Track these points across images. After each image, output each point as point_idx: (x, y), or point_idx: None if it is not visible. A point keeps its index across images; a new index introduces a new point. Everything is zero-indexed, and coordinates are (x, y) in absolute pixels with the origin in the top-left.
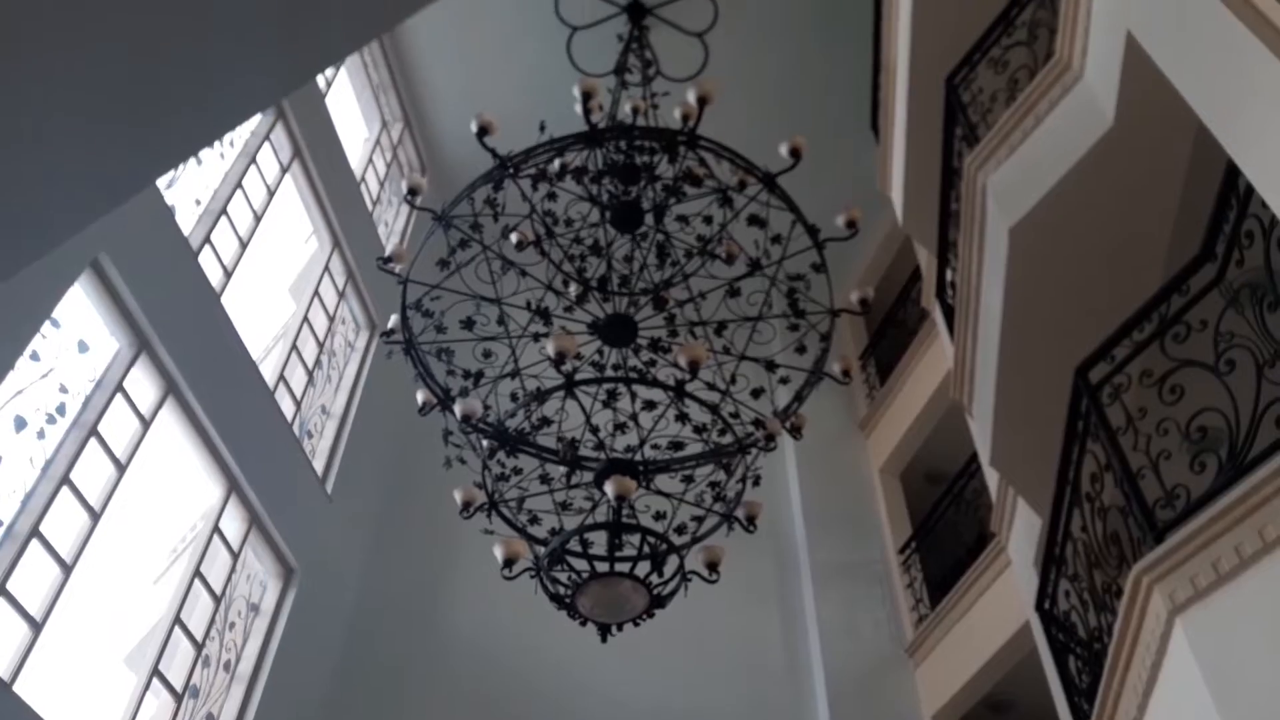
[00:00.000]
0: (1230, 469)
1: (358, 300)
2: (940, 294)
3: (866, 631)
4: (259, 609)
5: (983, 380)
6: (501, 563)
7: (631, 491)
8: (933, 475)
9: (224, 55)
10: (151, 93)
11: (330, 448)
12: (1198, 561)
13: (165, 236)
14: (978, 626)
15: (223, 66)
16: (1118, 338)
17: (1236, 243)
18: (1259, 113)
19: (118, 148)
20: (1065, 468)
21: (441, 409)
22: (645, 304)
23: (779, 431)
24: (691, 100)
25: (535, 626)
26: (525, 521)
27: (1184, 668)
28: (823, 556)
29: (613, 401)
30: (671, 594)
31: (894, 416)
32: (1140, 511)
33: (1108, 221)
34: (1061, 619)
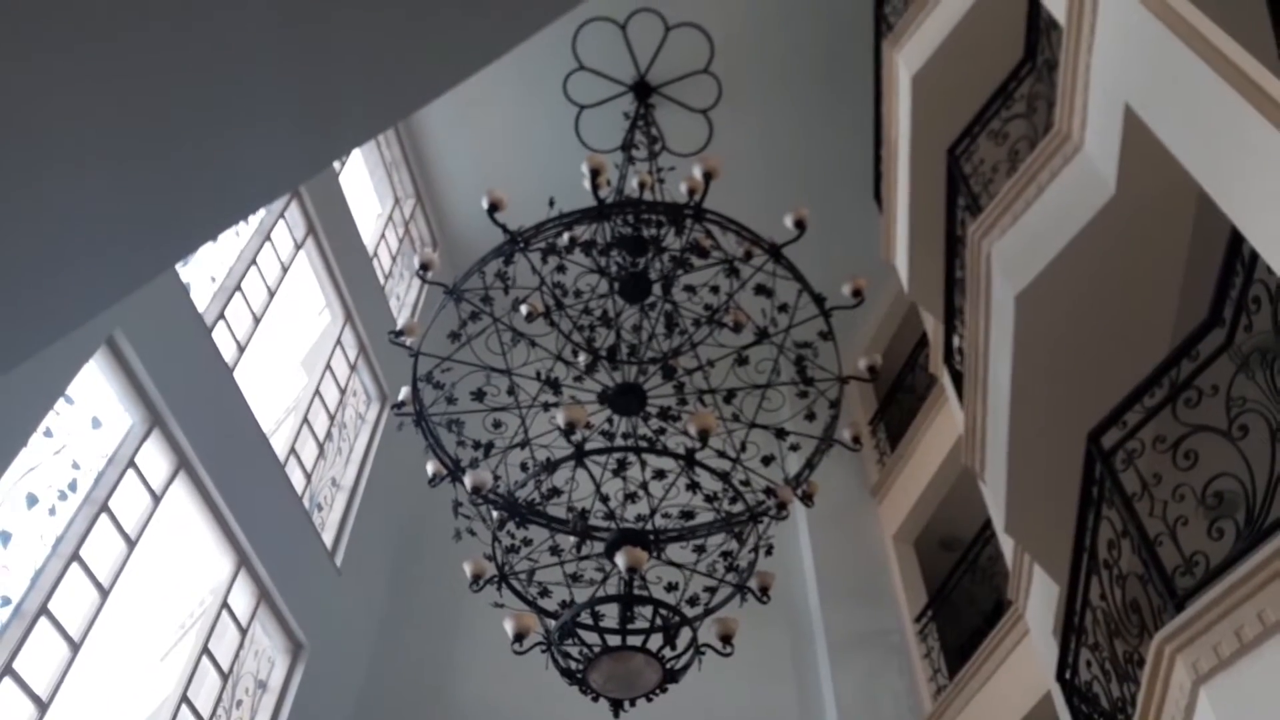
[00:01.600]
0: (1249, 534)
1: (369, 373)
2: (948, 360)
3: (885, 704)
4: (266, 685)
5: (994, 446)
6: (512, 637)
7: (643, 562)
8: (947, 542)
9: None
10: (170, 180)
11: (340, 520)
12: (1220, 630)
13: (180, 313)
14: (998, 697)
15: (241, 155)
16: (1129, 403)
17: (1244, 307)
18: (1259, 179)
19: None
20: (1081, 534)
21: (451, 480)
22: (654, 373)
23: (790, 499)
24: (697, 175)
25: (546, 702)
26: (536, 594)
27: None
28: (838, 627)
29: (623, 471)
30: (685, 667)
31: (906, 483)
32: (1160, 579)
33: (1114, 287)
34: (1083, 689)
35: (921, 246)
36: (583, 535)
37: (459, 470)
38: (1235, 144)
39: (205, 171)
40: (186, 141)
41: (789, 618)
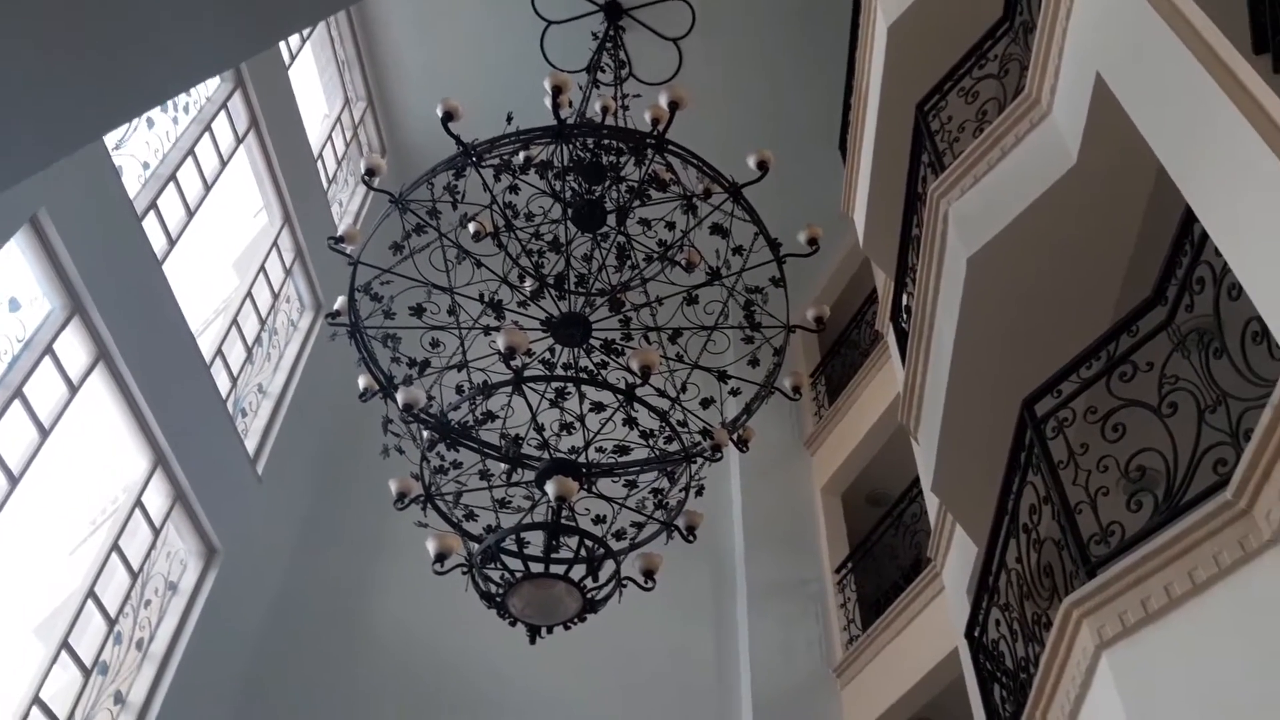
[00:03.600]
0: (1166, 509)
1: (305, 279)
2: (895, 317)
3: (798, 650)
4: (177, 588)
5: (930, 406)
6: (433, 557)
7: (573, 493)
8: (874, 497)
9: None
10: (103, 44)
11: (264, 428)
12: (1128, 599)
13: (110, 198)
14: (907, 650)
15: (179, 22)
16: (1066, 373)
17: (1188, 288)
18: (1220, 162)
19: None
20: (1005, 498)
21: (383, 396)
22: (601, 305)
23: (726, 443)
24: (663, 104)
25: (463, 625)
26: (461, 517)
27: (1107, 703)
28: (759, 572)
29: (561, 401)
30: (605, 599)
31: (840, 436)
32: (1075, 545)
33: (1064, 258)
34: (990, 647)
35: (881, 201)
36: (514, 462)
37: (392, 387)
38: (1201, 125)
39: (137, 41)
40: (117, 6)
41: (713, 559)
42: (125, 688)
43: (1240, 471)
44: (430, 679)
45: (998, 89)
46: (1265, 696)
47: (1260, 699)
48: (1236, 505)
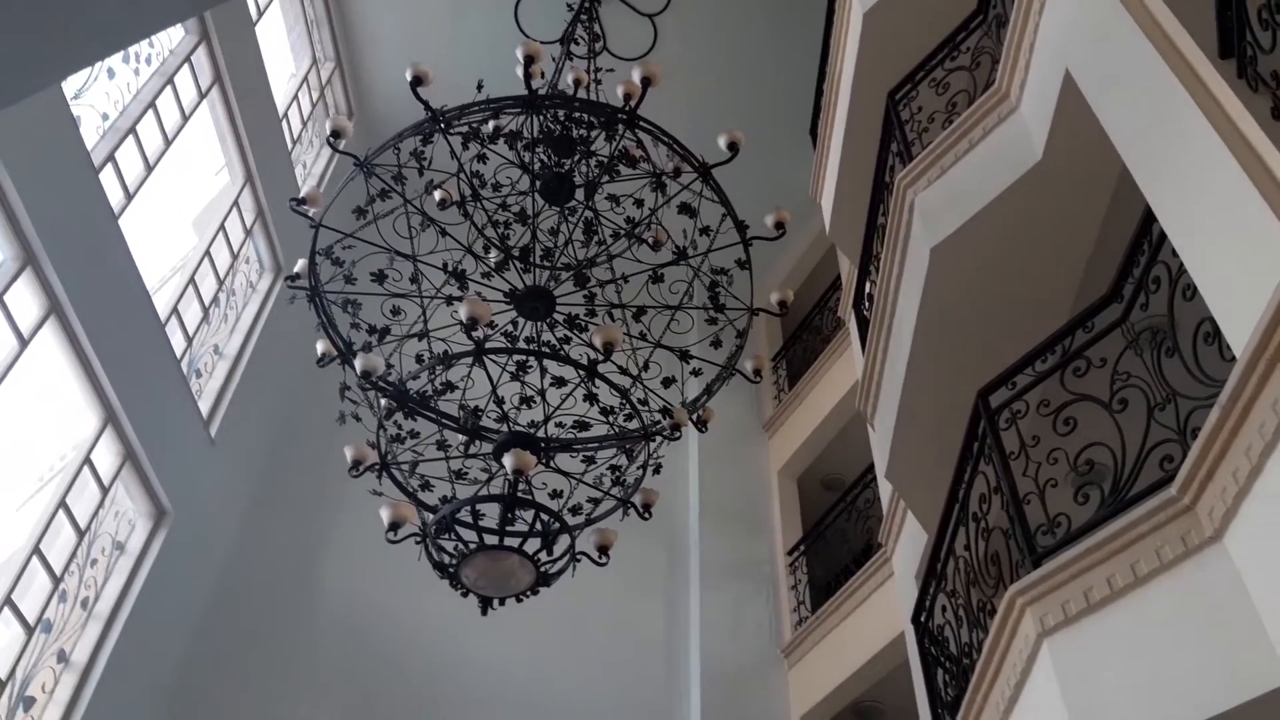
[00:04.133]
0: (1112, 503)
1: (265, 241)
2: (858, 305)
3: (747, 630)
4: (124, 548)
5: (888, 393)
6: (387, 525)
7: (530, 466)
8: (829, 482)
9: None
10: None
11: (219, 390)
12: (1071, 589)
13: (66, 149)
14: (854, 633)
15: None
16: (1021, 366)
17: (1144, 287)
18: (1181, 163)
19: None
20: (956, 486)
21: (341, 362)
22: (566, 280)
23: (685, 422)
24: (636, 79)
25: (414, 594)
26: (416, 486)
27: (1046, 689)
28: (713, 551)
29: (521, 374)
30: (559, 573)
31: (798, 420)
32: (1022, 535)
33: (1025, 252)
34: (935, 632)
35: (849, 188)
36: (472, 434)
37: (350, 353)
38: (1165, 127)
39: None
40: None
41: (668, 537)
42: (69, 646)
43: (1186, 469)
44: (380, 647)
45: (969, 81)
46: (1200, 689)
47: (1195, 691)
48: (1181, 501)
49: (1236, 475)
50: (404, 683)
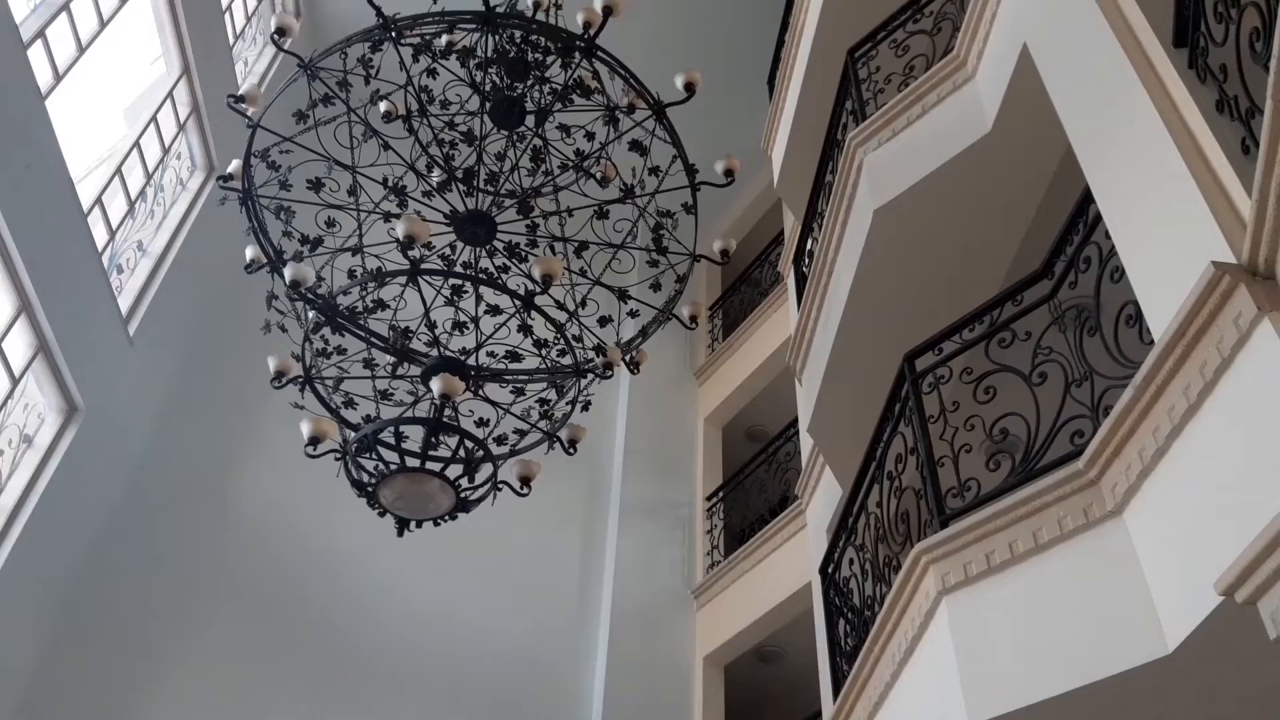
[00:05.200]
0: (1021, 471)
1: (199, 137)
2: (798, 261)
3: (660, 569)
4: (32, 442)
5: (818, 350)
6: (306, 440)
7: (458, 392)
8: (753, 433)
9: None
10: None
11: (141, 288)
12: (973, 550)
13: None
14: (763, 580)
15: None
16: (949, 333)
17: (1074, 266)
18: (1125, 148)
19: None
20: (875, 445)
21: (270, 270)
22: (509, 207)
23: (618, 362)
24: (597, 7)
25: (330, 512)
26: (340, 403)
27: (941, 645)
28: (633, 491)
29: (456, 299)
30: (479, 501)
31: (729, 371)
32: (933, 496)
33: (965, 222)
34: (841, 584)
35: (801, 143)
36: (401, 355)
37: (280, 261)
38: (1113, 110)
39: None
40: None
41: (590, 474)
42: None
43: (1094, 445)
44: (293, 562)
45: (928, 46)
46: (1086, 655)
47: (1081, 657)
48: (1086, 475)
49: (1142, 454)
50: (316, 597)
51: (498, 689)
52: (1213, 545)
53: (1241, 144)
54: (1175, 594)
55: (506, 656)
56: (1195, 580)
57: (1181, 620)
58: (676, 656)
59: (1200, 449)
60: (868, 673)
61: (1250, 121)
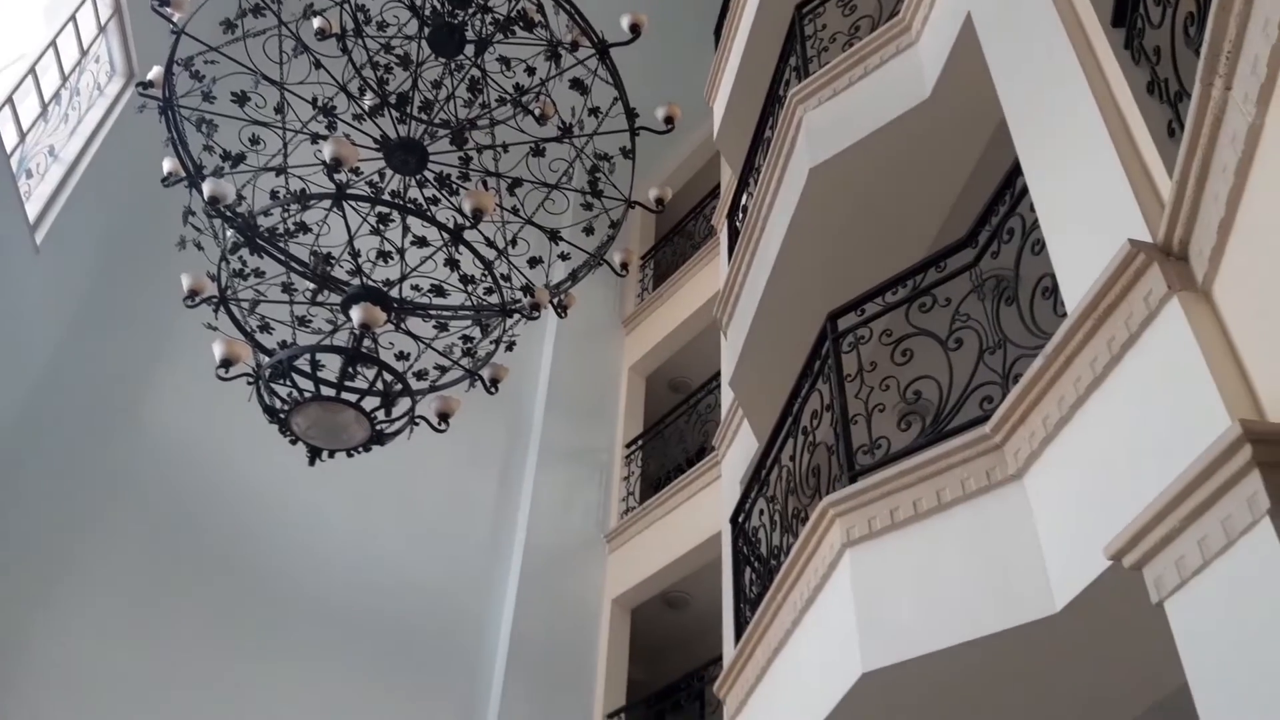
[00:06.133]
0: (930, 433)
1: (119, 41)
2: (732, 215)
3: (575, 512)
4: None
5: (745, 305)
6: (218, 361)
7: (379, 323)
8: (676, 384)
9: None
10: None
11: (51, 194)
12: (879, 506)
13: None
14: (675, 528)
15: None
16: (872, 295)
17: (998, 236)
18: (1056, 123)
19: None
20: (793, 400)
21: (188, 184)
22: (442, 137)
23: (546, 304)
24: None
25: (240, 438)
26: (255, 327)
27: (841, 594)
28: (554, 434)
29: (382, 228)
30: (395, 434)
31: (657, 321)
32: (844, 452)
33: (897, 186)
34: (750, 534)
35: (743, 96)
36: (322, 282)
37: (199, 176)
38: (1048, 86)
39: None
40: None
41: (511, 415)
42: None
43: (1002, 410)
44: (203, 484)
45: (875, 7)
46: (978, 610)
47: (973, 612)
48: (991, 440)
49: (1046, 422)
50: (226, 521)
51: (405, 621)
52: (1105, 513)
53: (1168, 126)
54: (1066, 557)
55: (416, 590)
56: (1086, 545)
57: (1070, 582)
58: (585, 597)
59: (1101, 420)
60: (769, 619)
61: (1179, 105)
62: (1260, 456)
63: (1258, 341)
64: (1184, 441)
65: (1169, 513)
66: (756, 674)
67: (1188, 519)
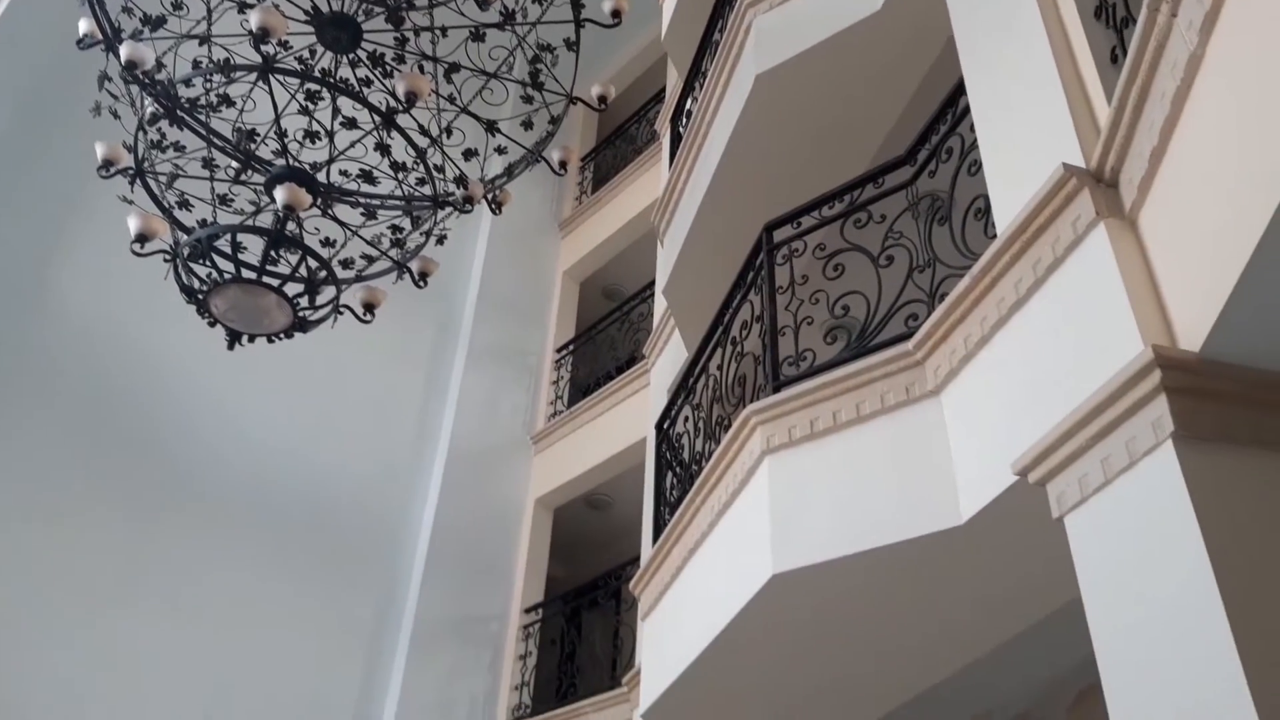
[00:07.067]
0: (855, 347)
1: None
2: (675, 120)
3: (502, 413)
4: None
5: (684, 213)
6: (134, 236)
7: (304, 205)
8: (610, 291)
9: None
10: None
11: None
12: (799, 416)
13: None
14: (601, 432)
15: None
16: (809, 208)
17: (937, 155)
18: (1003, 45)
19: None
20: (724, 310)
21: (105, 48)
22: (378, 15)
23: (479, 198)
24: None
25: (156, 318)
26: (174, 203)
27: (757, 499)
28: (483, 335)
29: (311, 107)
30: (318, 322)
31: (594, 225)
32: (770, 362)
33: (843, 99)
34: (674, 440)
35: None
36: (245, 160)
37: (117, 38)
38: (998, 4)
39: None
40: None
41: (440, 313)
42: None
43: (925, 328)
44: (113, 366)
45: None
46: (886, 519)
47: (882, 520)
48: (913, 356)
49: (968, 341)
50: (140, 406)
51: (325, 511)
52: (1015, 430)
53: (1111, 52)
54: (975, 471)
55: (337, 480)
56: (994, 460)
57: (977, 494)
58: (509, 496)
59: (1020, 341)
60: (687, 521)
61: (1124, 31)
62: (1168, 382)
63: (1176, 271)
64: (1097, 365)
65: (1076, 432)
66: (672, 573)
67: (1094, 439)
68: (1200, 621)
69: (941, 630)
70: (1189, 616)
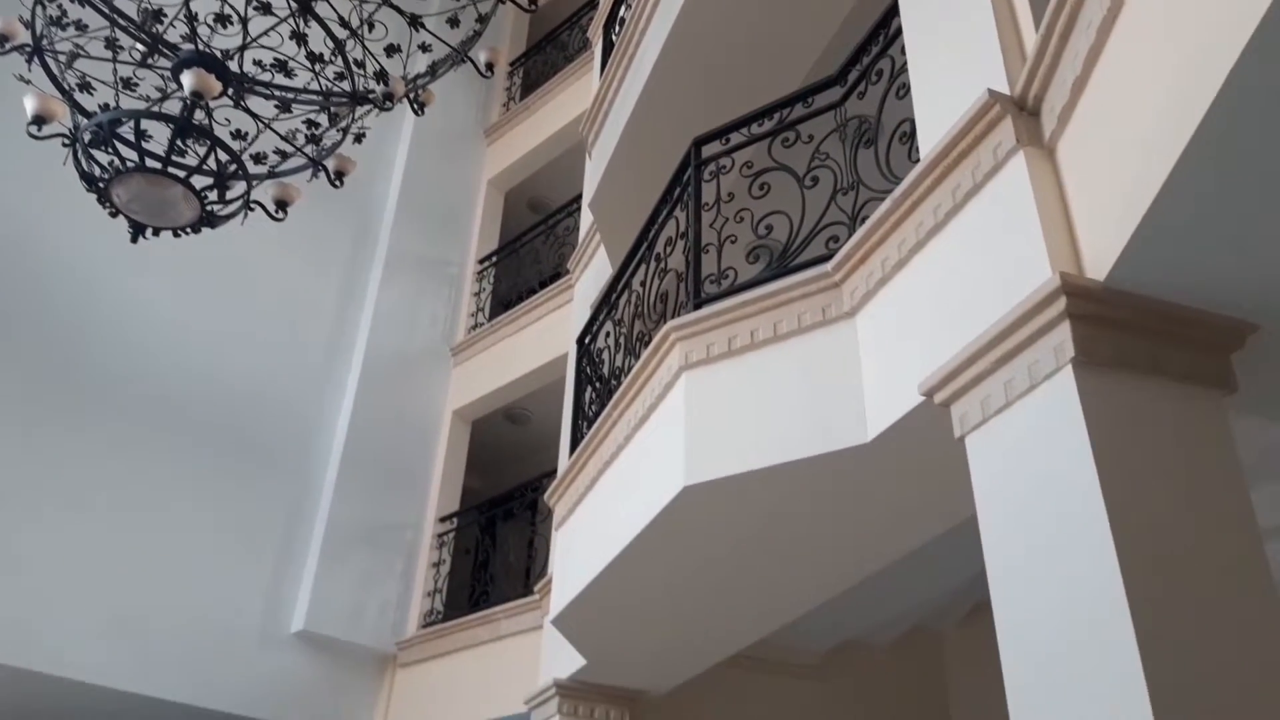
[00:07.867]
0: (776, 267)
1: None
2: (608, 28)
3: (421, 324)
4: None
5: (613, 124)
6: (30, 117)
7: (213, 93)
8: (535, 203)
9: None
10: None
11: None
12: (718, 334)
13: None
14: (522, 346)
15: None
16: (738, 125)
17: (867, 77)
18: None
19: None
20: (649, 226)
21: None
22: None
23: (400, 97)
24: None
25: (55, 208)
26: (74, 84)
27: (673, 413)
28: (403, 242)
29: None
30: (227, 218)
31: (521, 134)
32: (693, 280)
33: (778, 14)
34: (595, 355)
35: None
36: (151, 42)
37: None
38: None
39: None
40: None
41: (356, 217)
42: None
43: (844, 250)
44: (14, 260)
45: None
46: (796, 436)
47: (792, 437)
48: (831, 278)
49: (885, 264)
50: (34, 301)
51: (234, 415)
52: (925, 353)
53: None
54: (884, 391)
55: (246, 384)
56: (903, 382)
57: (884, 414)
58: (426, 406)
59: (935, 265)
60: (604, 434)
61: None
62: (1073, 309)
63: (1088, 201)
64: (1006, 290)
65: (982, 355)
66: (587, 484)
67: (999, 362)
68: (1086, 540)
69: (846, 544)
70: (1077, 535)
